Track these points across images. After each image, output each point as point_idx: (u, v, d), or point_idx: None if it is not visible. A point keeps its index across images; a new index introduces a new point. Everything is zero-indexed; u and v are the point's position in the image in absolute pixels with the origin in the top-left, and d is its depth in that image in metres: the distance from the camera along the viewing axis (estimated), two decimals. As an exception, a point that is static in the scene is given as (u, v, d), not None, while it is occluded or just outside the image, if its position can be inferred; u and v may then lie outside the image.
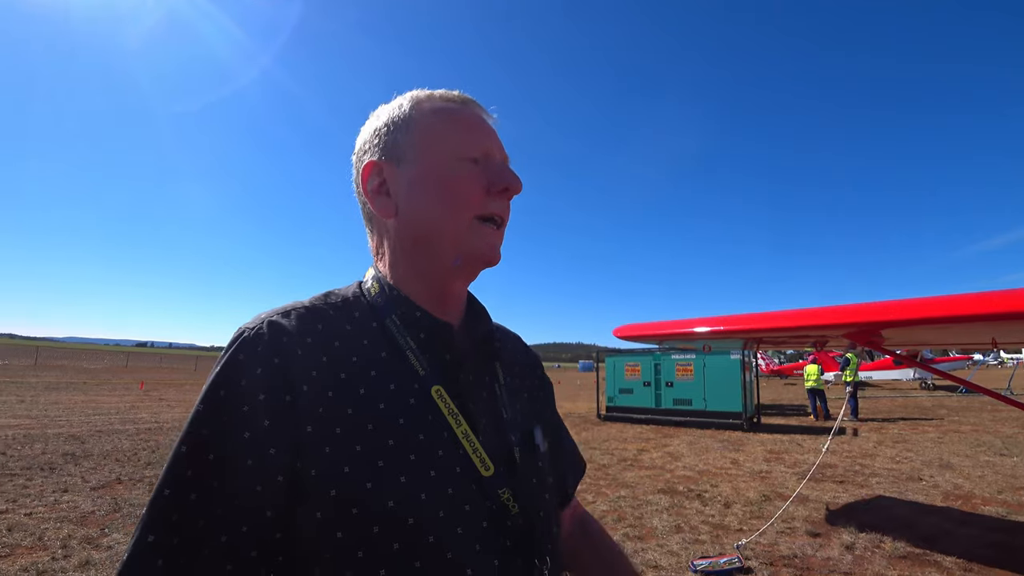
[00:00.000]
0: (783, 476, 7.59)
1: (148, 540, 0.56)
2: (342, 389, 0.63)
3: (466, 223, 0.72)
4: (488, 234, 0.74)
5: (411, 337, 0.71)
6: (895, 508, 5.98)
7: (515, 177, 0.75)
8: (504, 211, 0.76)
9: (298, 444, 0.59)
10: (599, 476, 7.51)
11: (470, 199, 0.72)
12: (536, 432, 0.80)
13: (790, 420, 15.16)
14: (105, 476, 6.44)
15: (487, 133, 0.77)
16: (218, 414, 0.59)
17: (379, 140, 0.77)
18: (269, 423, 0.59)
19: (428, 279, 0.75)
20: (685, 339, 6.13)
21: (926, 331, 4.29)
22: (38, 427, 9.94)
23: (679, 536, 4.93)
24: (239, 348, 0.62)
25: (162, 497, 0.57)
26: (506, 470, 0.70)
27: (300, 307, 0.69)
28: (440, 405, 0.68)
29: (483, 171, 0.74)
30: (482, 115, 0.79)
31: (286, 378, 0.61)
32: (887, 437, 11.36)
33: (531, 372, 0.93)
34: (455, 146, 0.74)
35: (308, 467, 0.59)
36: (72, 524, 4.68)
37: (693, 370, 13.87)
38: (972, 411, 16.61)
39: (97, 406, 14.00)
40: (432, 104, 0.77)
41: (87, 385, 21.15)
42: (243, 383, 0.59)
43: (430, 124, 0.75)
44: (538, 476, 0.76)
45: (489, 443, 0.70)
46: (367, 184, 0.76)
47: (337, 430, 0.60)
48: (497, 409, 0.76)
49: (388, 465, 0.61)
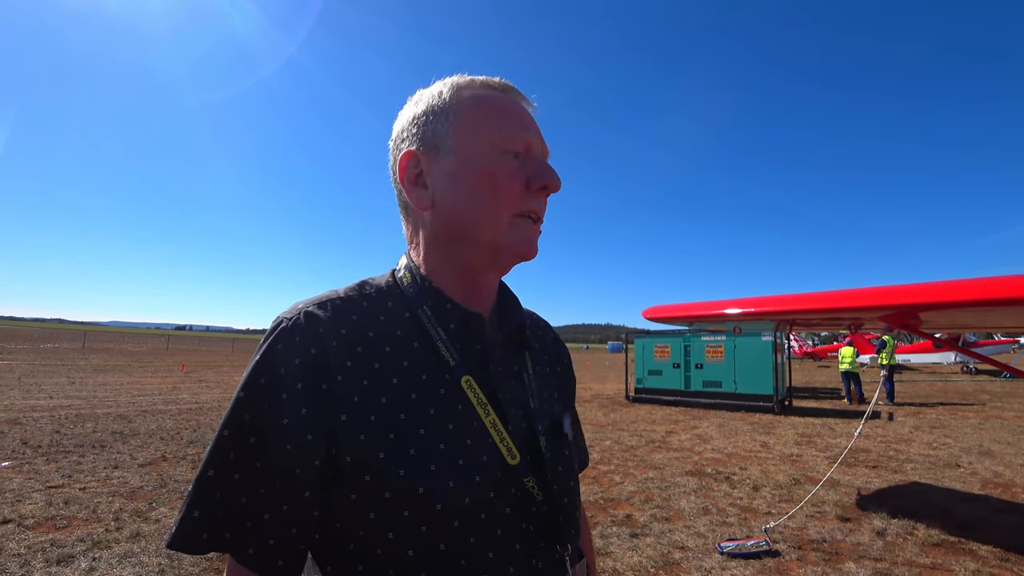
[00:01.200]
0: (814, 460, 7.49)
1: (194, 515, 0.61)
2: (376, 379, 0.66)
3: (505, 218, 0.72)
4: (526, 229, 0.73)
5: (442, 328, 0.73)
6: (930, 494, 5.85)
7: (554, 175, 0.73)
8: (542, 208, 0.75)
9: (334, 431, 0.63)
10: (627, 457, 7.53)
11: (510, 194, 0.71)
12: (565, 420, 0.82)
13: (823, 403, 14.88)
14: (151, 454, 6.75)
15: (528, 126, 0.75)
16: (259, 401, 0.62)
17: (417, 129, 0.75)
18: (307, 411, 0.62)
19: (461, 271, 0.76)
20: (716, 320, 6.07)
21: (967, 314, 4.15)
22: (88, 407, 10.43)
23: (706, 518, 4.94)
24: (277, 338, 0.65)
25: (207, 477, 0.62)
26: (532, 459, 0.73)
27: (336, 297, 0.72)
28: (469, 395, 0.70)
29: (523, 166, 0.73)
30: (524, 104, 0.78)
31: (323, 367, 0.64)
32: (924, 422, 11.07)
33: (559, 360, 0.95)
34: (496, 138, 0.72)
35: (344, 453, 0.62)
36: (123, 498, 4.93)
37: (723, 352, 13.70)
38: (1017, 397, 16.03)
39: (141, 387, 14.60)
40: (473, 92, 0.75)
41: (131, 367, 22.03)
42: (282, 371, 0.63)
43: (471, 114, 0.73)
44: (564, 464, 0.78)
45: (517, 432, 0.73)
46: (404, 174, 0.75)
47: (372, 418, 0.64)
48: (525, 399, 0.78)
49: (419, 453, 0.64)
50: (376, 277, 0.80)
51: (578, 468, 0.91)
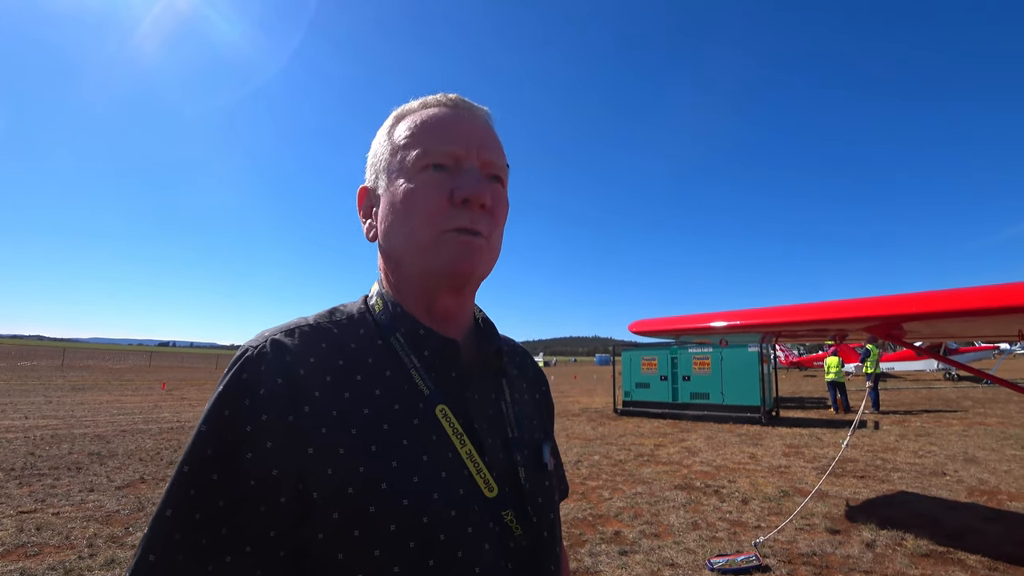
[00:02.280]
0: (802, 471, 7.50)
1: (150, 559, 0.56)
2: (346, 409, 0.62)
3: (427, 238, 0.68)
4: (454, 245, 0.68)
5: (415, 355, 0.70)
6: (918, 504, 5.87)
7: (476, 185, 0.67)
8: (475, 223, 0.68)
9: (301, 465, 0.58)
10: (616, 472, 7.48)
11: (429, 211, 0.68)
12: (544, 449, 0.79)
13: (809, 413, 14.96)
14: (129, 475, 6.58)
15: (457, 136, 0.70)
16: (222, 434, 0.58)
17: (368, 163, 0.78)
18: (272, 444, 0.58)
19: (416, 297, 0.73)
20: (702, 334, 6.08)
21: (950, 324, 4.19)
22: (65, 427, 10.18)
23: (696, 533, 4.90)
24: (242, 367, 0.61)
25: (164, 517, 0.57)
26: (511, 491, 0.69)
27: (304, 325, 0.68)
28: (444, 425, 0.67)
29: (448, 179, 0.69)
30: (460, 115, 0.73)
31: (289, 398, 0.60)
32: (909, 430, 11.17)
33: (537, 388, 0.92)
34: (418, 155, 0.69)
35: (311, 489, 0.58)
36: (98, 523, 4.78)
37: (710, 363, 13.75)
38: (999, 403, 16.24)
39: (121, 406, 14.29)
40: (410, 116, 0.74)
41: (111, 385, 21.60)
42: (246, 403, 0.59)
43: (400, 139, 0.72)
44: (544, 495, 0.75)
45: (494, 463, 0.69)
46: (360, 208, 0.79)
47: (340, 451, 0.60)
48: (503, 428, 0.74)
49: (391, 488, 0.60)
50: (348, 304, 0.77)
51: (558, 498, 0.88)
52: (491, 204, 0.69)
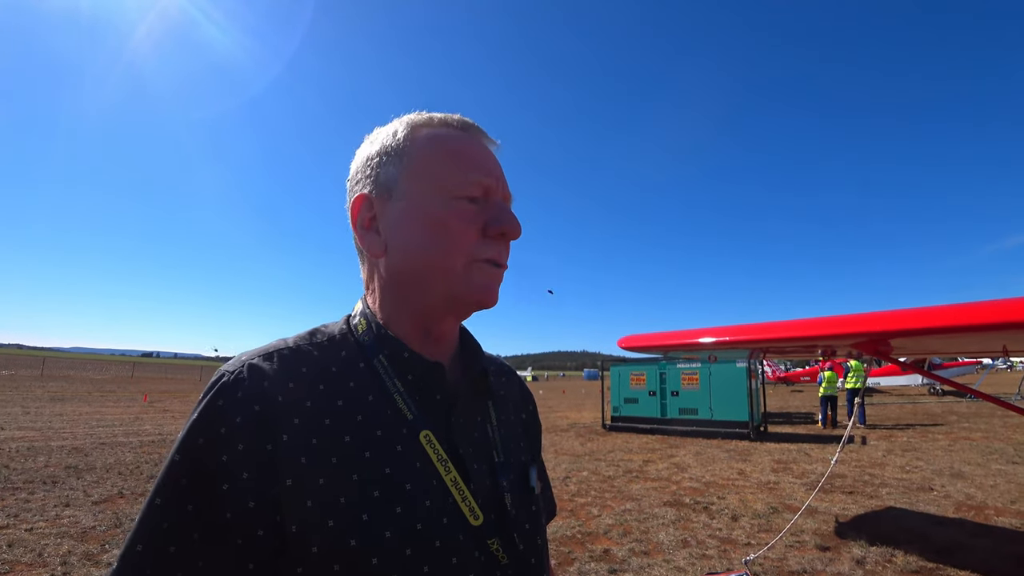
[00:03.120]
0: (791, 487, 7.48)
1: None
2: (326, 437, 0.59)
3: (459, 265, 0.67)
4: (483, 275, 0.68)
5: (399, 379, 0.67)
6: (906, 520, 5.87)
7: (514, 220, 0.69)
8: (501, 255, 0.70)
9: (278, 497, 0.56)
10: (605, 488, 7.42)
11: (463, 241, 0.67)
12: (531, 473, 0.76)
13: (797, 428, 15.02)
14: (107, 490, 6.41)
15: (488, 169, 0.70)
16: (196, 464, 0.56)
17: (371, 171, 0.72)
18: (248, 475, 0.55)
19: (417, 318, 0.70)
20: (690, 350, 6.07)
21: (936, 340, 4.22)
22: (42, 439, 9.93)
23: (686, 551, 4.85)
24: (218, 393, 0.59)
25: (135, 552, 0.54)
26: (497, 518, 0.67)
27: (283, 348, 0.65)
28: (429, 451, 0.64)
29: (480, 211, 0.69)
30: (484, 144, 0.73)
31: (267, 426, 0.57)
32: (896, 445, 11.21)
33: (523, 408, 0.89)
34: (451, 183, 0.68)
35: (289, 522, 0.55)
36: (73, 540, 4.64)
37: (699, 379, 13.76)
38: (983, 417, 16.41)
39: (101, 417, 14.00)
40: (429, 131, 0.71)
41: (92, 396, 21.19)
42: (222, 431, 0.56)
43: (425, 156, 0.69)
44: (531, 521, 0.72)
45: (480, 489, 0.67)
46: (357, 219, 0.72)
47: (320, 481, 0.57)
48: (489, 452, 0.72)
49: (373, 519, 0.57)
50: (330, 324, 0.74)
51: (546, 520, 0.85)
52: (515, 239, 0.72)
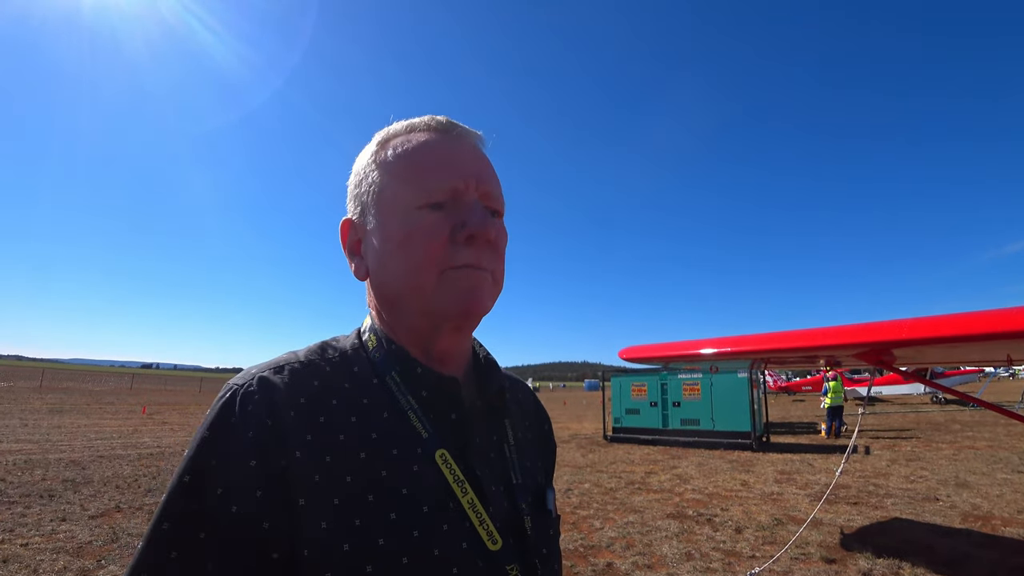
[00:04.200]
0: (795, 498, 7.41)
1: None
2: (340, 454, 0.57)
3: (430, 279, 0.63)
4: (460, 282, 0.63)
5: (412, 396, 0.64)
6: (912, 531, 5.81)
7: (482, 221, 0.63)
8: (480, 258, 0.64)
9: (293, 518, 0.52)
10: (607, 500, 7.35)
11: (431, 254, 0.62)
12: (548, 495, 0.73)
13: (800, 438, 14.90)
14: (104, 504, 6.34)
15: (455, 169, 0.65)
16: (207, 485, 0.52)
17: (351, 193, 0.72)
18: (261, 494, 0.52)
19: (412, 337, 0.67)
20: (692, 360, 6.04)
21: (940, 350, 4.18)
22: (39, 452, 9.86)
23: (690, 564, 4.78)
24: (227, 407, 0.56)
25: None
26: (515, 542, 0.63)
27: (295, 362, 0.62)
28: (445, 472, 0.61)
29: (447, 216, 0.64)
30: (454, 144, 0.68)
31: (279, 442, 0.54)
32: (900, 455, 11.13)
33: (539, 427, 0.86)
34: (411, 195, 0.64)
35: (302, 545, 0.52)
36: (68, 555, 4.58)
37: (700, 389, 13.68)
38: (986, 426, 16.31)
39: (100, 430, 13.91)
40: (397, 142, 0.68)
41: (90, 408, 21.07)
42: (232, 447, 0.53)
43: (389, 171, 0.67)
44: (549, 546, 0.70)
45: (498, 512, 0.63)
46: (345, 244, 0.72)
47: (335, 501, 0.54)
48: (507, 473, 0.69)
49: (389, 543, 0.54)
50: (341, 338, 0.71)
51: None
52: (495, 238, 0.65)
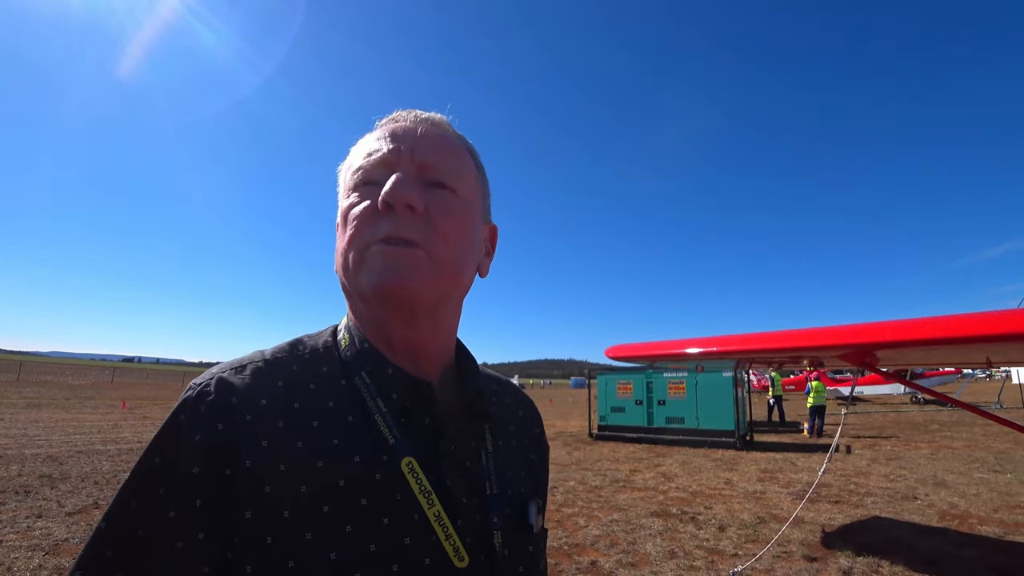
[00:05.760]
0: (777, 497, 7.48)
1: None
2: (297, 462, 0.53)
3: (356, 253, 0.59)
4: (378, 259, 0.57)
5: (381, 398, 0.60)
6: (892, 529, 5.90)
7: (397, 186, 0.58)
8: (401, 230, 0.57)
9: (235, 531, 0.49)
10: (591, 498, 7.37)
11: (357, 230, 0.59)
12: (530, 508, 0.67)
13: (783, 437, 15.06)
14: (82, 500, 6.23)
15: (388, 143, 0.62)
16: (149, 486, 0.50)
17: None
18: (201, 502, 0.49)
19: (371, 330, 0.63)
20: (677, 360, 6.07)
21: (922, 352, 4.24)
22: (15, 447, 9.64)
23: (673, 562, 4.81)
24: (180, 408, 0.53)
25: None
26: (485, 559, 0.59)
27: (259, 360, 0.59)
28: (411, 481, 0.57)
29: (377, 189, 0.60)
30: (399, 125, 0.65)
31: (229, 448, 0.51)
32: (880, 454, 11.30)
33: (527, 433, 0.78)
34: (353, 177, 0.63)
35: (243, 561, 0.49)
36: (44, 553, 4.48)
37: (685, 388, 13.78)
38: (964, 426, 16.61)
39: (79, 424, 13.66)
40: (363, 139, 0.68)
41: (69, 402, 20.69)
42: (178, 451, 0.51)
43: (345, 166, 0.67)
44: (526, 563, 0.64)
45: (468, 526, 0.59)
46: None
47: (285, 514, 0.50)
48: (480, 483, 0.64)
49: (342, 559, 0.51)
50: (315, 334, 0.67)
51: (544, 565, 0.77)
52: (423, 208, 0.59)
